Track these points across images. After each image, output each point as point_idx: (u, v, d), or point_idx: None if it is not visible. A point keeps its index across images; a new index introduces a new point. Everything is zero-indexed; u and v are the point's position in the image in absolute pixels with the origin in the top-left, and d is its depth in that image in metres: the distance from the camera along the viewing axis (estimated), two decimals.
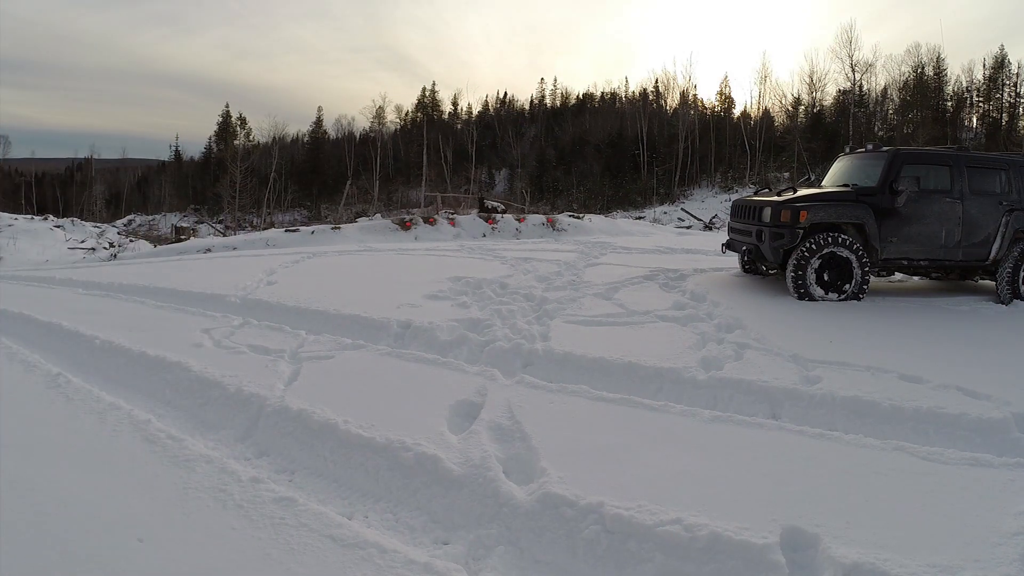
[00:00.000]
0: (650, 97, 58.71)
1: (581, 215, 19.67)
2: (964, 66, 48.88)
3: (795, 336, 5.05)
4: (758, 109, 52.87)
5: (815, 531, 2.35)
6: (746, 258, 7.67)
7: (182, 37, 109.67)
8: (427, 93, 71.46)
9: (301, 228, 15.88)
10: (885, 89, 47.45)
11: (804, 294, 6.63)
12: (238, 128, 66.47)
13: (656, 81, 60.09)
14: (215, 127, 68.40)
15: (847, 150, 8.70)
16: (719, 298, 6.46)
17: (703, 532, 2.29)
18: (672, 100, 57.71)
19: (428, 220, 15.89)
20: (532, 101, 71.77)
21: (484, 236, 15.64)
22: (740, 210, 7.77)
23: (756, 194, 8.35)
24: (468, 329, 5.21)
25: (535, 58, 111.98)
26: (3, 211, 27.17)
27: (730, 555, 2.23)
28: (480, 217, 16.81)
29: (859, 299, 6.69)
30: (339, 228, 15.52)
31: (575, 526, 2.43)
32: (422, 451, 2.97)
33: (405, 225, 15.34)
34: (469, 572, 2.29)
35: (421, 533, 2.58)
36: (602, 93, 68.13)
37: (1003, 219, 7.04)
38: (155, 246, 18.62)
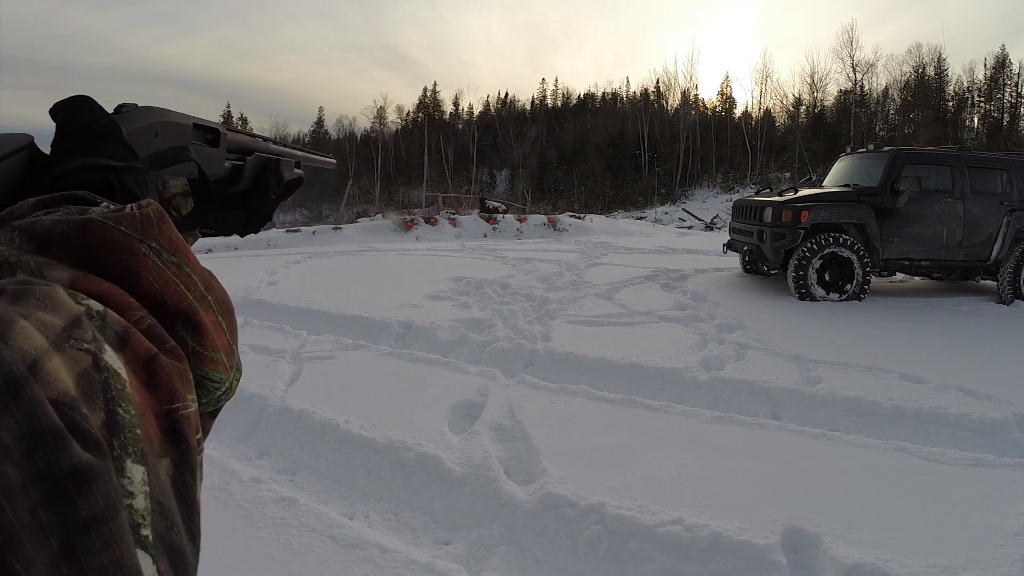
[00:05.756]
0: (651, 97, 58.76)
1: (582, 215, 19.66)
2: (965, 66, 48.90)
3: (796, 336, 5.05)
4: (759, 109, 52.91)
5: (816, 531, 2.35)
6: (747, 258, 7.68)
7: (181, 36, 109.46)
8: (428, 93, 71.64)
9: (302, 228, 15.87)
10: (886, 89, 47.52)
11: (805, 294, 6.63)
12: (239, 128, 66.61)
13: (657, 81, 60.20)
14: None
15: (848, 150, 8.70)
16: (720, 298, 6.46)
17: (704, 532, 2.29)
18: (673, 100, 57.78)
19: (430, 220, 15.89)
20: (533, 101, 71.86)
21: (485, 236, 15.63)
22: (741, 210, 7.77)
23: (757, 194, 8.35)
24: (469, 329, 5.21)
25: (536, 58, 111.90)
26: None
27: (731, 555, 2.23)
28: (481, 217, 16.81)
29: (860, 299, 6.69)
30: (340, 228, 15.53)
31: (576, 526, 2.43)
32: (423, 451, 2.97)
33: (406, 225, 15.34)
34: (470, 572, 2.29)
35: (422, 533, 2.58)
36: (603, 93, 68.25)
37: (1004, 219, 7.03)
38: None
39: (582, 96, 69.37)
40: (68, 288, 0.27)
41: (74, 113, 0.41)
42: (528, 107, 72.02)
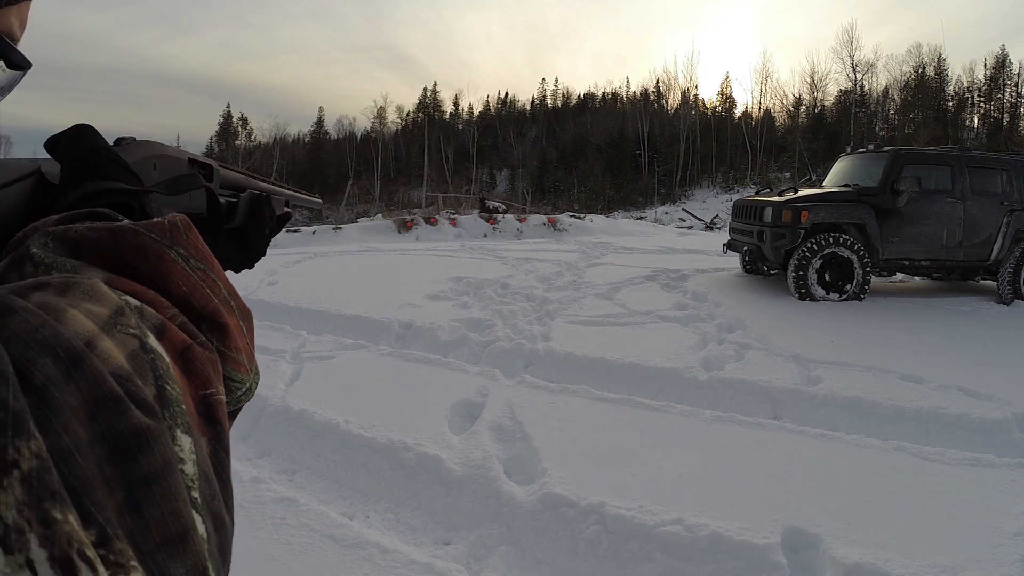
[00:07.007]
0: (651, 97, 58.74)
1: (582, 215, 19.64)
2: (965, 66, 48.87)
3: (796, 336, 5.05)
4: (759, 109, 52.91)
5: (816, 531, 2.35)
6: (747, 258, 7.68)
7: (181, 36, 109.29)
8: (428, 93, 71.56)
9: (302, 228, 15.86)
10: (886, 89, 47.51)
11: (805, 294, 6.63)
12: (239, 128, 66.60)
13: (657, 81, 60.19)
14: (216, 127, 68.48)
15: (848, 150, 8.70)
16: (720, 298, 6.46)
17: (704, 532, 2.29)
18: (673, 100, 57.75)
19: (429, 220, 15.88)
20: (533, 101, 71.74)
21: (485, 236, 15.63)
22: (741, 210, 7.77)
23: (757, 194, 8.35)
24: (469, 329, 5.21)
25: (536, 58, 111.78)
26: None
27: (731, 555, 2.23)
28: (481, 217, 16.79)
29: (860, 299, 6.69)
30: (340, 228, 15.52)
31: (576, 526, 2.43)
32: (423, 451, 2.97)
33: (406, 225, 15.33)
34: (470, 572, 2.29)
35: (422, 533, 2.58)
36: (603, 93, 68.16)
37: (1004, 219, 7.04)
38: None
39: (582, 96, 69.31)
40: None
41: (85, 142, 0.43)
42: (528, 107, 71.94)
